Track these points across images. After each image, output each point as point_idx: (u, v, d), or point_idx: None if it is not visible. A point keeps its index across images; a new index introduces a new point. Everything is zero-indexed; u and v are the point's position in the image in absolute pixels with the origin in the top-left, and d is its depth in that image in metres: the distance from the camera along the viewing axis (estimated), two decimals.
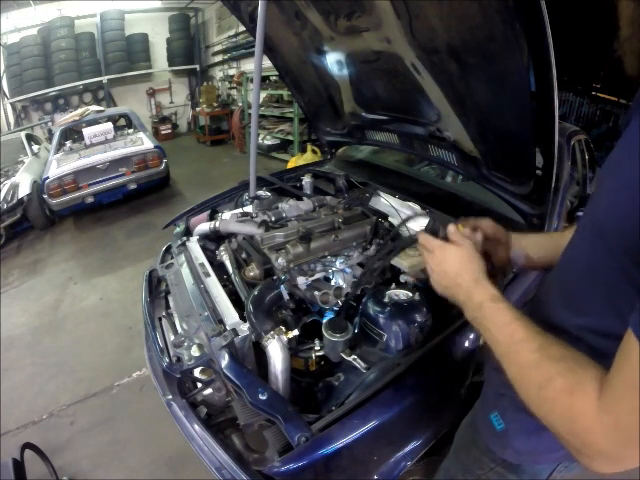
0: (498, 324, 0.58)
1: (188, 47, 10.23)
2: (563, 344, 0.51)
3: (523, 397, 0.53)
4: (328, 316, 1.37)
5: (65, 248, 4.40)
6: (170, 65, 10.32)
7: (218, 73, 10.13)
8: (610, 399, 0.42)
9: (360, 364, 1.11)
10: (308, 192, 2.27)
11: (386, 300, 1.23)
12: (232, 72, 9.01)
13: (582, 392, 0.45)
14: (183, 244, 1.78)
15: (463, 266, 0.70)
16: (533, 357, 0.51)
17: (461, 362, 1.13)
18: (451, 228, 0.77)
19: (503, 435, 0.72)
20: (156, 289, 1.76)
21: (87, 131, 5.22)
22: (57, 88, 8.74)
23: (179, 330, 1.41)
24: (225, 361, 1.11)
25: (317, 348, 1.21)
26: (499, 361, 0.57)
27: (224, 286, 1.45)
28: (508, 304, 0.60)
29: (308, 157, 5.40)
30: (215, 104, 8.95)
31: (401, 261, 1.34)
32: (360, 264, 1.54)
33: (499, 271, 0.85)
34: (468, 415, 0.89)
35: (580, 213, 1.67)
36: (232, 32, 8.66)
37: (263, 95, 7.05)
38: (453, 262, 0.71)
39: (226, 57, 9.23)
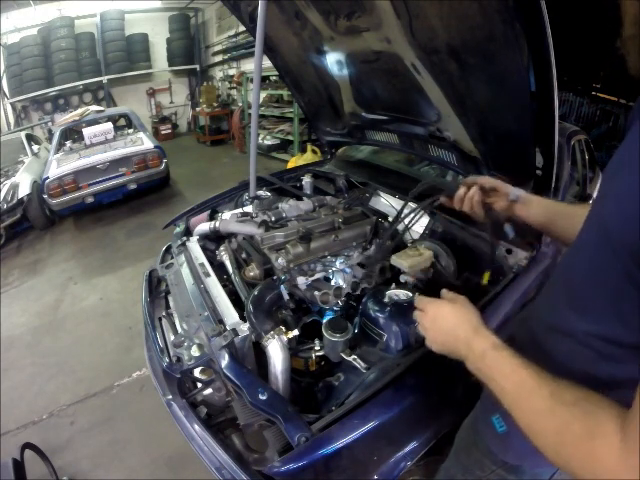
0: (504, 373, 0.57)
1: (188, 47, 10.24)
2: (575, 386, 0.50)
3: (538, 445, 0.51)
4: (328, 316, 1.37)
5: (65, 248, 4.40)
6: (170, 65, 10.32)
7: (218, 73, 10.13)
8: (633, 439, 0.40)
9: (360, 364, 1.11)
10: (308, 192, 2.27)
11: (386, 300, 1.23)
12: (232, 72, 9.02)
13: (602, 435, 0.43)
14: (183, 244, 1.78)
15: (459, 318, 0.69)
16: (546, 404, 0.50)
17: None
18: (444, 292, 0.78)
19: (505, 437, 0.72)
20: (156, 289, 1.76)
21: (87, 131, 5.22)
22: (57, 88, 8.74)
23: (179, 330, 1.41)
24: (225, 361, 1.11)
25: (317, 348, 1.21)
26: (508, 410, 0.56)
27: (224, 286, 1.45)
28: (511, 351, 0.59)
29: (308, 157, 5.41)
30: (215, 104, 8.95)
31: (401, 261, 1.34)
32: (360, 264, 1.54)
33: (501, 218, 0.92)
34: (469, 416, 0.89)
35: None
36: (232, 32, 8.66)
37: (263, 95, 7.05)
38: (448, 316, 0.70)
39: (226, 57, 9.23)
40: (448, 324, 0.70)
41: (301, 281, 1.38)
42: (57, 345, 2.74)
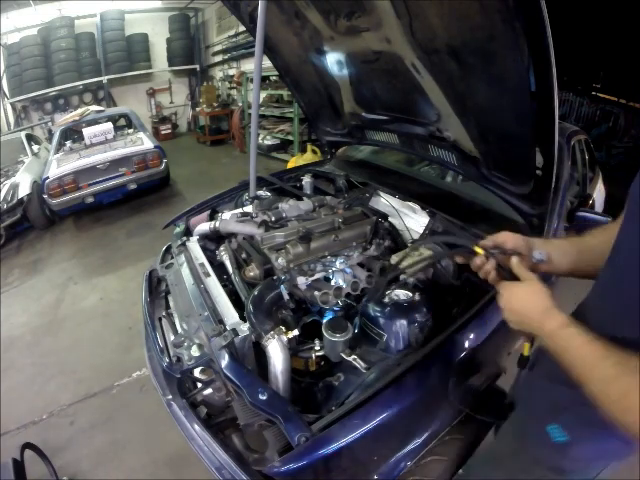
0: (574, 346, 0.62)
1: (188, 47, 10.24)
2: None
3: (605, 409, 0.56)
4: (328, 316, 1.37)
5: (65, 248, 4.39)
6: (170, 65, 10.32)
7: (218, 73, 10.13)
8: None
9: (360, 364, 1.11)
10: (308, 192, 2.27)
11: (386, 300, 1.23)
12: (232, 72, 9.01)
13: None
14: (183, 244, 1.78)
15: (529, 300, 0.73)
16: (612, 372, 0.55)
17: (461, 362, 1.13)
18: (514, 261, 0.79)
19: (564, 446, 0.75)
20: (156, 289, 1.76)
21: (87, 131, 5.22)
22: (57, 88, 8.74)
23: (179, 330, 1.41)
24: (225, 361, 1.11)
25: (317, 348, 1.21)
26: (578, 381, 0.61)
27: (224, 286, 1.45)
28: (579, 328, 0.63)
29: (308, 157, 5.41)
30: (215, 104, 8.95)
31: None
32: (360, 264, 1.54)
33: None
34: (507, 426, 0.90)
35: (580, 213, 1.67)
36: (232, 32, 8.66)
37: (263, 95, 7.05)
38: (519, 298, 0.75)
39: (226, 57, 9.23)
40: (519, 305, 0.74)
41: (301, 281, 1.38)
42: (57, 345, 2.74)
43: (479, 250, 0.84)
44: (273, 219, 1.69)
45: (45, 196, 4.46)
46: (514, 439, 0.88)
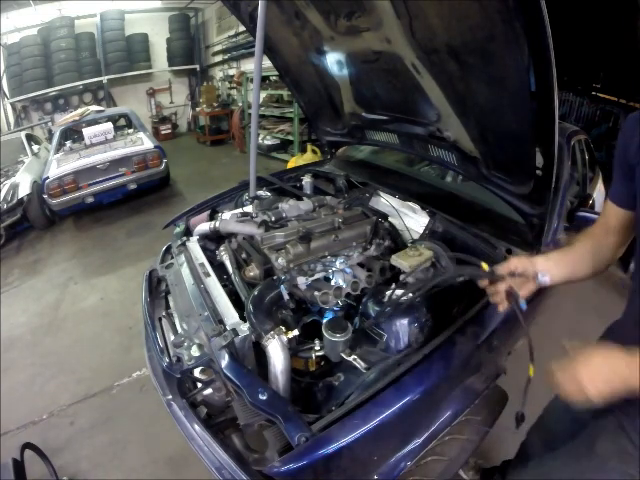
0: None
1: (188, 47, 10.25)
2: None
3: None
4: (328, 316, 1.37)
5: (65, 248, 4.39)
6: (170, 65, 10.33)
7: (218, 73, 10.14)
8: None
9: (360, 364, 1.11)
10: (308, 192, 2.27)
11: (386, 300, 1.23)
12: (232, 72, 9.02)
13: None
14: (183, 244, 1.78)
15: (606, 354, 0.76)
16: None
17: (462, 360, 1.13)
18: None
19: None
20: (156, 289, 1.76)
21: (87, 131, 5.22)
22: (57, 88, 8.74)
23: (179, 330, 1.41)
24: (225, 361, 1.11)
25: (317, 348, 1.21)
26: None
27: (224, 286, 1.45)
28: None
29: (308, 157, 5.41)
30: (215, 104, 8.95)
31: (401, 261, 1.34)
32: (360, 264, 1.54)
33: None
34: (605, 424, 0.92)
35: (580, 213, 1.67)
36: (232, 32, 8.67)
37: (263, 95, 7.05)
38: (597, 359, 0.77)
39: (226, 57, 9.24)
40: (601, 363, 0.76)
41: (301, 281, 1.38)
42: (57, 345, 2.74)
43: (485, 266, 0.94)
44: (273, 219, 1.69)
45: (45, 196, 4.45)
46: (616, 438, 0.90)
